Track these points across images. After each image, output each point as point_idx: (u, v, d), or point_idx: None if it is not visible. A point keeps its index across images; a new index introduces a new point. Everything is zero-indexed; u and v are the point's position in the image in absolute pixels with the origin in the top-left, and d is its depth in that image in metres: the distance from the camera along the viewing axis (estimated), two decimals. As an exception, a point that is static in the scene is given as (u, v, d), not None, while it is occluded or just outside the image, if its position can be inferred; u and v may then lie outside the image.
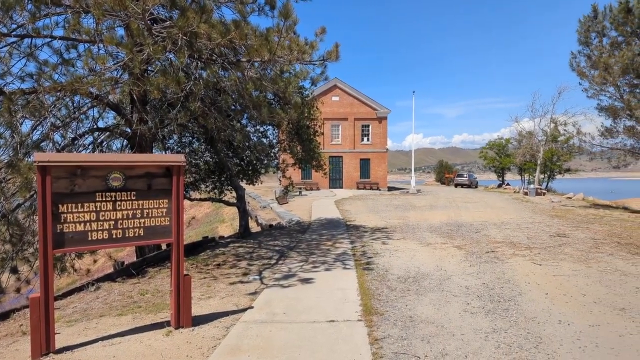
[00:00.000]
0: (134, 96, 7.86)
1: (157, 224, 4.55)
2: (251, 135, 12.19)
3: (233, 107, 9.28)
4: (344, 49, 8.08)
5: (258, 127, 12.57)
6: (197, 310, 5.37)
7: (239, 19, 7.25)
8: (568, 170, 41.77)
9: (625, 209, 20.23)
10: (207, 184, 13.02)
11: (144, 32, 6.23)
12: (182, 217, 4.66)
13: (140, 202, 4.45)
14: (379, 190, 36.67)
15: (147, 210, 4.48)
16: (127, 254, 20.09)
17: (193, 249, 11.13)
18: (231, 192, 13.66)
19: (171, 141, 11.95)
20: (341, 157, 38.55)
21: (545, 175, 41.30)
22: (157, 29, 6.71)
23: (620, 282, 6.59)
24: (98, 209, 4.24)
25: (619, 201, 28.48)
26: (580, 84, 19.32)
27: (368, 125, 38.83)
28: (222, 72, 8.08)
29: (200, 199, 13.66)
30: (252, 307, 5.51)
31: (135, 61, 6.14)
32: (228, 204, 13.52)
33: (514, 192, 34.03)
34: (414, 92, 36.85)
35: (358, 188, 37.70)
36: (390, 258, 8.56)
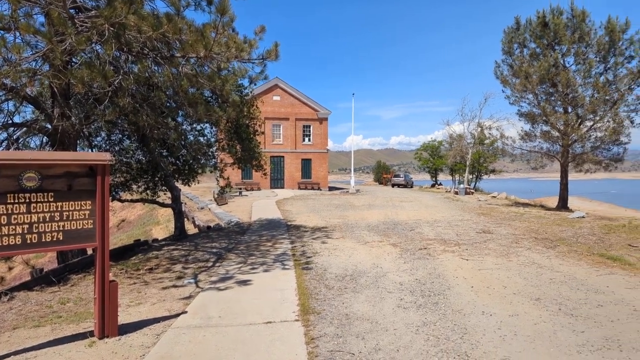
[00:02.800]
0: (55, 89, 7.25)
1: (79, 227, 4.23)
2: (187, 133, 11.74)
3: (167, 104, 8.87)
4: (285, 52, 8.05)
5: (195, 125, 12.11)
6: (125, 318, 5.08)
7: (172, 13, 6.95)
8: (493, 171, 45.03)
9: (542, 206, 22.18)
10: (140, 184, 12.32)
11: (66, 21, 5.77)
12: (107, 219, 4.37)
13: (60, 203, 4.11)
14: (320, 190, 37.05)
15: (68, 213, 4.15)
16: (49, 260, 18.52)
17: (123, 253, 10.50)
18: (166, 193, 13.06)
19: (99, 139, 11.17)
20: (282, 157, 38.42)
21: (474, 175, 44.14)
22: (81, 19, 6.25)
23: (536, 274, 7.20)
24: (9, 211, 3.86)
25: (537, 199, 31.15)
26: (503, 91, 20.90)
27: (309, 126, 39.05)
28: (155, 67, 7.70)
29: (132, 200, 12.90)
30: (185, 312, 5.31)
31: (57, 52, 5.66)
32: (162, 205, 12.92)
33: (446, 191, 36.01)
34: (353, 94, 37.67)
35: (300, 188, 37.81)
36: (329, 257, 8.67)
